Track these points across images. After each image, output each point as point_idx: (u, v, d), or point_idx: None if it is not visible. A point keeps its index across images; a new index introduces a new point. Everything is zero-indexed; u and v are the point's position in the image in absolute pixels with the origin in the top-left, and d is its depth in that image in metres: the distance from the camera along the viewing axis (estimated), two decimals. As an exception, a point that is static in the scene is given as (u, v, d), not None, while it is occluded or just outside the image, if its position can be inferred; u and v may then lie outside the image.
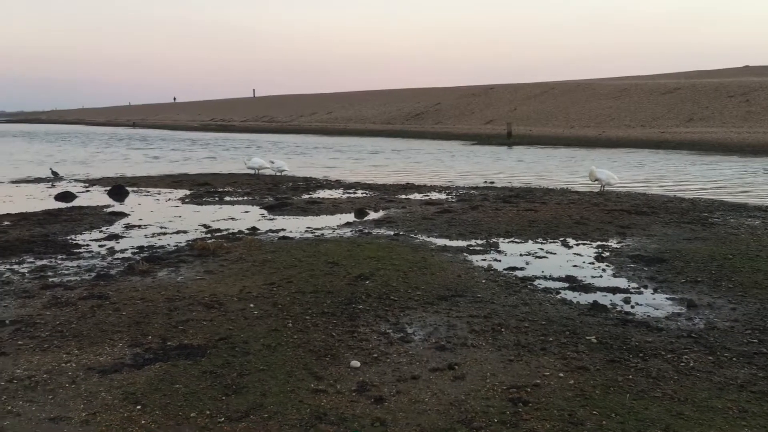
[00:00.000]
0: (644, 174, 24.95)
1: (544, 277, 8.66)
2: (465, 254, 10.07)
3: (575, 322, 6.66)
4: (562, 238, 11.40)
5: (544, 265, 9.38)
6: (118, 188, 18.90)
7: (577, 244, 10.93)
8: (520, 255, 10.08)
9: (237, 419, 4.51)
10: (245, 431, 4.36)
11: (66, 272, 8.95)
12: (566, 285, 8.26)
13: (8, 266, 9.31)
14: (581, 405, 4.72)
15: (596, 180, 18.81)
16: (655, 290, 8.03)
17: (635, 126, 51.49)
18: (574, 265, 9.40)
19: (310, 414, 4.59)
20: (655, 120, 52.41)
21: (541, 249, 10.54)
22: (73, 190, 19.16)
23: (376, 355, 5.75)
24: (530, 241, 11.19)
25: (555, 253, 10.23)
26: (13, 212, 14.55)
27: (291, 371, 5.34)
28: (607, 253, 10.13)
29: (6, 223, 13.13)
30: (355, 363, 5.53)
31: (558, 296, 7.73)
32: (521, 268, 9.16)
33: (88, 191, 19.49)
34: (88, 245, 10.92)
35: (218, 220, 13.68)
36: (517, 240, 11.32)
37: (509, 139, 50.20)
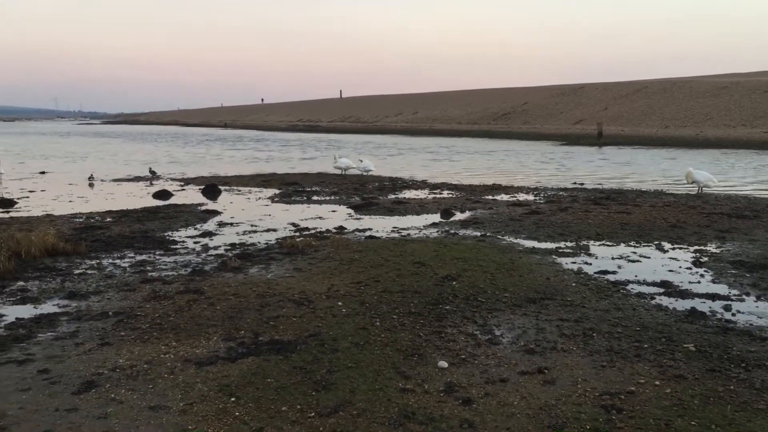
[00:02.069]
0: (746, 176, 23.75)
1: (638, 282, 8.37)
2: (554, 256, 9.87)
3: (672, 329, 6.41)
4: (656, 242, 11.00)
5: (638, 270, 9.07)
6: (211, 187, 19.58)
7: (673, 248, 10.52)
8: (612, 258, 9.79)
9: (326, 415, 4.58)
10: (335, 427, 4.41)
11: (164, 267, 9.33)
12: (661, 290, 7.96)
13: (111, 260, 9.80)
14: (679, 415, 4.54)
15: (693, 182, 18.07)
16: (759, 298, 7.62)
17: (736, 126, 49.12)
18: (670, 270, 9.05)
19: (398, 413, 4.60)
20: (757, 119, 49.80)
21: (634, 252, 10.21)
22: (170, 188, 19.96)
23: (463, 356, 5.71)
24: (622, 245, 10.86)
25: (649, 257, 9.88)
26: (115, 209, 15.30)
27: (379, 369, 5.37)
28: (706, 258, 9.70)
29: (108, 219, 13.83)
30: (443, 363, 5.51)
31: (653, 302, 7.46)
32: (613, 272, 8.89)
33: (183, 190, 20.27)
34: (183, 242, 11.35)
35: (306, 219, 13.94)
36: (608, 243, 11.00)
37: (600, 140, 48.89)
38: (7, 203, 16.36)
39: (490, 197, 17.67)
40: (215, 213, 14.86)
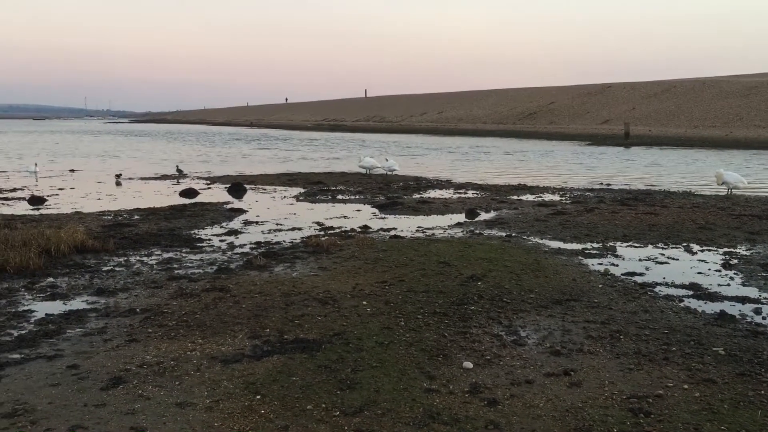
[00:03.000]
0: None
1: (666, 284, 8.27)
2: (580, 257, 9.78)
3: (700, 332, 6.31)
4: (685, 244, 10.86)
5: (666, 272, 8.95)
6: (236, 186, 19.72)
7: (702, 250, 10.37)
8: (639, 260, 9.67)
9: (351, 414, 4.58)
10: (359, 426, 4.41)
11: (190, 265, 9.41)
12: (690, 293, 7.86)
13: (138, 258, 9.90)
14: (708, 419, 4.47)
15: (723, 183, 17.82)
16: (790, 301, 7.48)
17: (766, 126, 48.29)
18: (699, 272, 8.92)
19: (423, 413, 4.59)
20: (788, 119, 48.94)
21: (662, 254, 10.08)
22: (196, 186, 20.12)
23: (488, 357, 5.68)
24: (650, 246, 10.73)
25: (677, 259, 9.75)
26: (142, 207, 15.47)
27: (404, 369, 5.36)
28: (736, 261, 9.55)
29: (136, 217, 13.99)
30: (468, 364, 5.49)
31: (681, 304, 7.36)
32: (640, 274, 8.79)
33: (209, 188, 20.44)
34: (209, 240, 11.44)
35: (331, 218, 13.97)
36: (635, 244, 10.88)
37: (627, 140, 48.40)
38: (38, 201, 16.63)
39: (516, 197, 17.58)
40: (241, 211, 14.96)
